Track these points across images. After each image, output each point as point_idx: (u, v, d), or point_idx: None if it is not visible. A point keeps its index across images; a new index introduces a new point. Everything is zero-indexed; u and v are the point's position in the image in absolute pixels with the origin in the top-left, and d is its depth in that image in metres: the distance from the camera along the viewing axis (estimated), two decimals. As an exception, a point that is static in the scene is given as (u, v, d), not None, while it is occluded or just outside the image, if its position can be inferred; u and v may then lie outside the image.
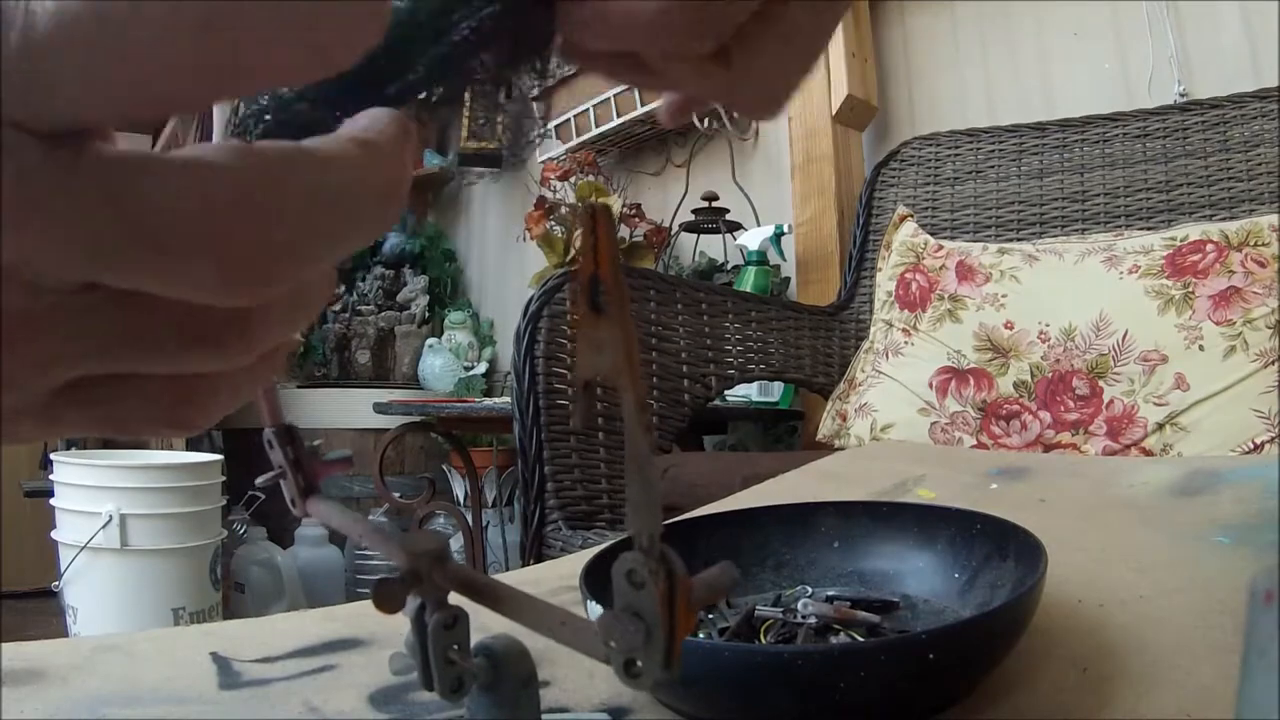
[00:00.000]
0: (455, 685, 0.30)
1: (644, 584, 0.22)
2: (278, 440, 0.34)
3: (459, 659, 0.30)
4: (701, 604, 0.23)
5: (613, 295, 0.21)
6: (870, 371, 1.46)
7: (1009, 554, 0.46)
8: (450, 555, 0.30)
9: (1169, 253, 1.24)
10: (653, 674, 0.23)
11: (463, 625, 0.30)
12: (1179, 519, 0.63)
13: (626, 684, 0.24)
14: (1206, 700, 0.37)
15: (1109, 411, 1.19)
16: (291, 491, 0.34)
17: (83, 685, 0.44)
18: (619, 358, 0.21)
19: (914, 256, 1.50)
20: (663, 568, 0.22)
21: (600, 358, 0.21)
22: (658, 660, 0.23)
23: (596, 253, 0.21)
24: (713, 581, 0.24)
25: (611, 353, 0.21)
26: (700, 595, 0.23)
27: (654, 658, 0.23)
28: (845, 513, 0.55)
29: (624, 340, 0.21)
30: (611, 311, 0.21)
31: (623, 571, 0.23)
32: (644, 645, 0.23)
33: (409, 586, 0.29)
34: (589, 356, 0.22)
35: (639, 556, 0.22)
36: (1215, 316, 1.16)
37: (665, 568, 0.22)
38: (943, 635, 0.38)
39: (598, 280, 0.21)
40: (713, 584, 0.24)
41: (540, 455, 1.25)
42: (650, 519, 0.22)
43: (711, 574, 0.24)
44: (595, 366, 0.22)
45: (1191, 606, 0.47)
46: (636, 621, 0.23)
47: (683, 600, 0.22)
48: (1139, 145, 1.50)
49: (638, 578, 0.23)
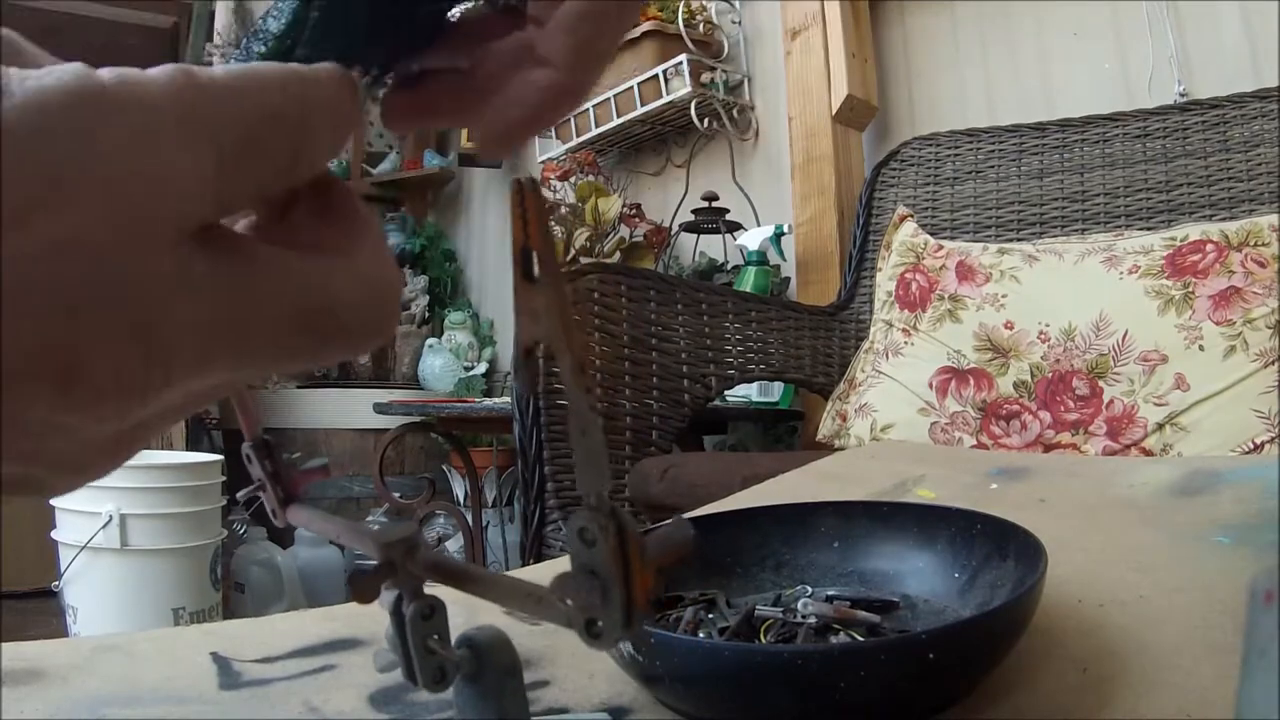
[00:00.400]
0: (438, 675, 0.30)
1: (595, 541, 0.23)
2: (255, 454, 0.34)
3: (439, 648, 0.30)
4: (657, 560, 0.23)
5: (545, 264, 0.22)
6: (870, 371, 1.46)
7: (1009, 554, 0.46)
8: (422, 543, 0.30)
9: (1169, 253, 1.24)
10: (614, 632, 0.23)
11: (440, 614, 0.30)
12: (1179, 519, 0.63)
13: (589, 644, 0.24)
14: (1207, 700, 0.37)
15: (1109, 411, 1.19)
16: (271, 503, 0.35)
17: (83, 685, 0.44)
18: (555, 323, 0.22)
19: (914, 256, 1.50)
20: (613, 523, 0.22)
21: (537, 325, 0.22)
22: (617, 618, 0.23)
23: (527, 225, 0.22)
24: (667, 537, 0.24)
25: (548, 319, 0.22)
26: (655, 551, 0.23)
27: (613, 616, 0.23)
28: (845, 513, 0.55)
29: (559, 306, 0.22)
30: (545, 279, 0.22)
31: (574, 529, 0.23)
32: (602, 603, 0.23)
33: (383, 576, 0.29)
34: (528, 324, 0.23)
35: (588, 513, 0.23)
36: (1215, 316, 1.16)
37: (615, 523, 0.22)
38: (943, 635, 0.38)
39: (529, 251, 0.22)
40: (667, 540, 0.24)
41: (540, 455, 1.25)
42: (597, 476, 0.23)
43: (665, 530, 0.24)
44: (534, 333, 0.23)
45: (1191, 606, 0.47)
46: (591, 579, 0.23)
47: (635, 555, 0.23)
48: (1139, 145, 1.50)
49: (589, 535, 0.23)
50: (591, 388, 0.24)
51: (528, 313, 0.23)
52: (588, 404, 0.22)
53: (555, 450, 1.26)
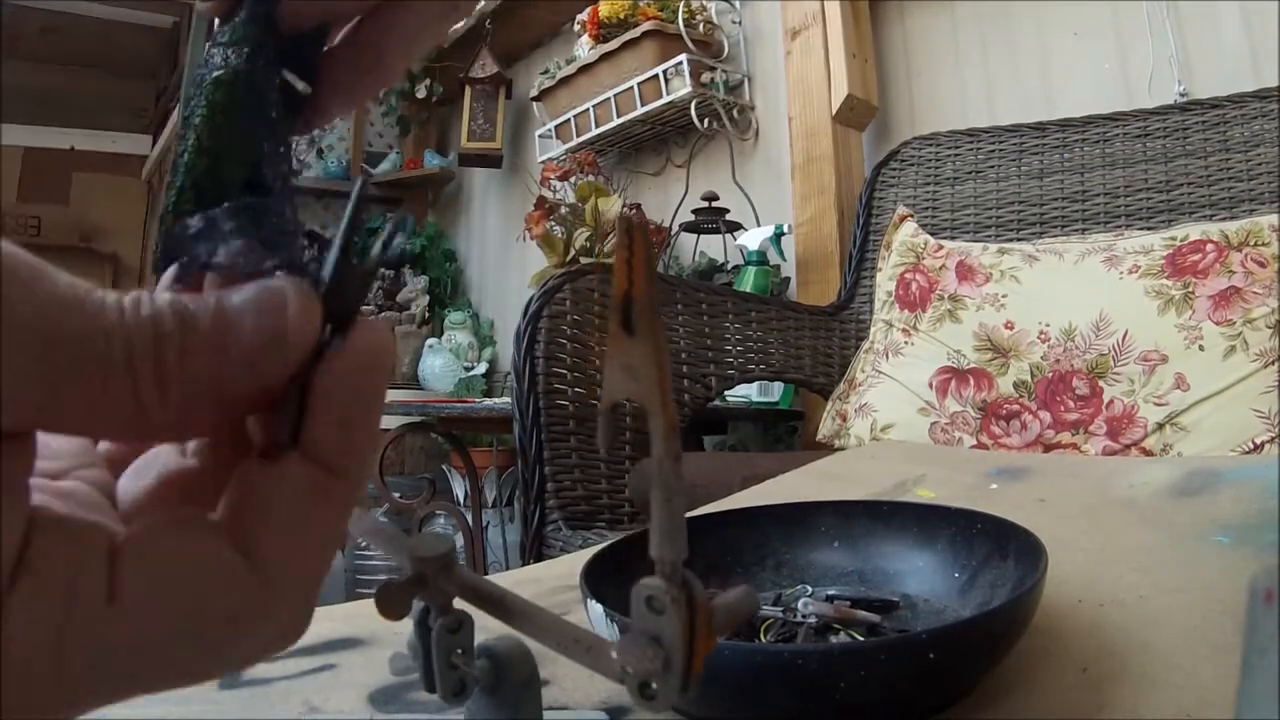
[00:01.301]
0: (458, 688, 0.30)
1: (664, 611, 0.22)
2: None
3: (462, 663, 0.30)
4: (721, 630, 0.23)
5: (645, 316, 0.20)
6: (870, 371, 1.46)
7: (1009, 554, 0.46)
8: (457, 560, 0.30)
9: (1169, 253, 1.24)
10: (669, 698, 0.23)
11: (467, 630, 0.30)
12: (1179, 519, 0.63)
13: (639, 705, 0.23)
14: (1207, 700, 0.37)
15: (1109, 411, 1.19)
16: None
17: (83, 685, 0.44)
18: (650, 382, 0.21)
19: (914, 256, 1.50)
20: (684, 595, 0.22)
21: (630, 380, 0.21)
22: (675, 685, 0.22)
23: (631, 270, 0.20)
24: (733, 606, 0.24)
25: (644, 376, 0.21)
26: (721, 621, 0.23)
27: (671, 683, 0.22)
28: (845, 512, 0.55)
29: (656, 364, 0.20)
30: (643, 333, 0.20)
31: (642, 597, 0.22)
32: (662, 670, 0.22)
33: (414, 591, 0.29)
34: (618, 378, 0.21)
35: (660, 583, 0.22)
36: (1215, 316, 1.16)
37: (687, 595, 0.22)
38: (943, 635, 0.38)
39: (631, 299, 0.20)
40: (733, 609, 0.24)
41: (540, 455, 1.25)
42: (674, 546, 0.22)
43: (732, 598, 0.24)
44: (625, 389, 0.21)
45: (1192, 606, 0.47)
46: (655, 647, 0.22)
47: (704, 627, 0.22)
48: (1139, 145, 1.50)
49: (658, 604, 0.22)
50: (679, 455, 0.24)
51: (620, 366, 0.21)
52: (675, 472, 0.21)
53: (555, 451, 1.26)
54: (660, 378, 0.21)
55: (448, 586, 0.29)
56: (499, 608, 0.29)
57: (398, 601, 0.28)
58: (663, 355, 0.21)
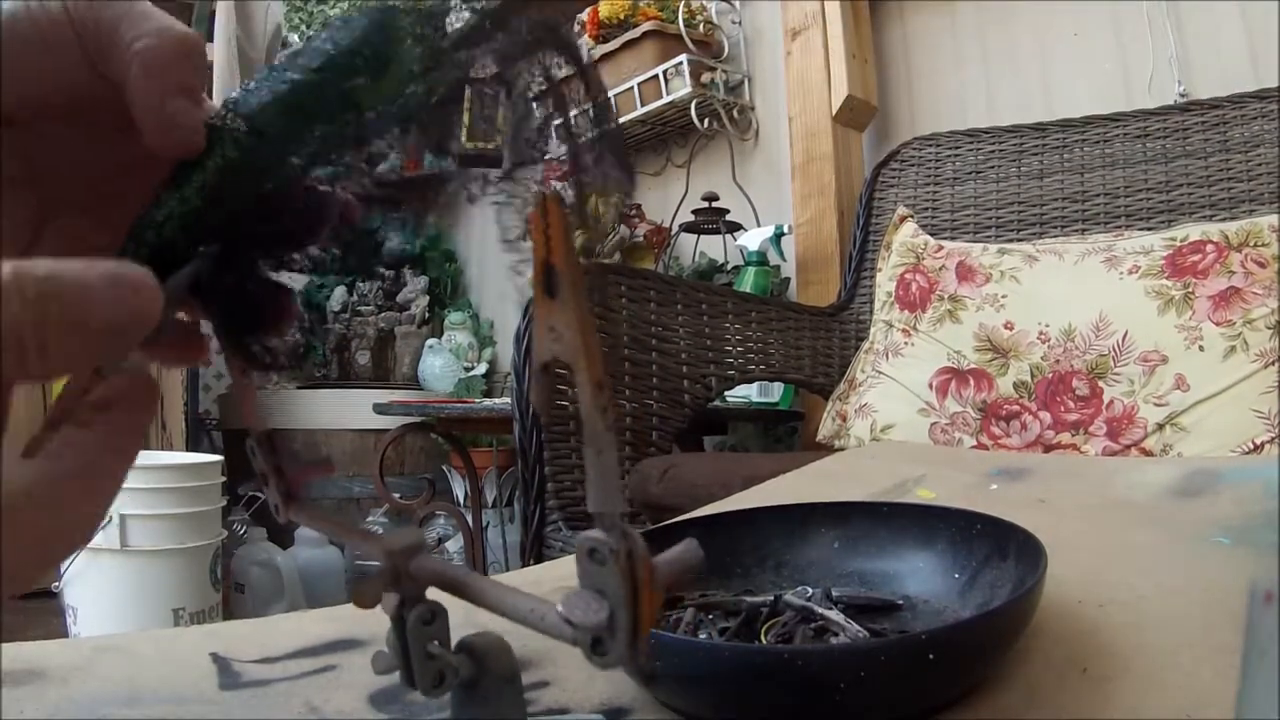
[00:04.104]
0: (436, 680, 0.30)
1: (605, 561, 0.22)
2: (259, 449, 0.34)
3: (439, 653, 0.30)
4: (666, 582, 0.23)
5: (566, 280, 0.22)
6: (870, 372, 1.46)
7: (1009, 554, 0.46)
8: (426, 550, 0.30)
9: (1169, 253, 1.24)
10: (618, 653, 0.23)
11: (441, 620, 0.30)
12: (1179, 519, 0.63)
13: (594, 664, 0.24)
14: (1207, 700, 0.37)
15: (1109, 412, 1.19)
16: (274, 498, 0.34)
17: (82, 686, 0.44)
18: (574, 341, 0.22)
19: (914, 257, 1.50)
20: (624, 544, 0.22)
21: (557, 342, 0.22)
22: (624, 639, 0.23)
23: (549, 240, 0.22)
24: (676, 560, 0.24)
25: (566, 337, 0.22)
26: (664, 573, 0.23)
27: (619, 636, 0.23)
28: (845, 513, 0.55)
29: (579, 324, 0.22)
30: (565, 296, 0.22)
31: (585, 550, 0.23)
32: (608, 624, 0.23)
33: (385, 582, 0.29)
34: (546, 341, 0.23)
35: (600, 534, 0.23)
36: (1215, 317, 1.16)
37: (626, 545, 0.22)
38: (943, 635, 0.38)
39: (551, 267, 0.22)
40: (677, 562, 0.24)
41: (540, 456, 1.25)
42: (610, 497, 0.23)
43: (675, 552, 0.24)
44: (552, 350, 0.22)
45: (1192, 607, 0.47)
46: (600, 599, 0.23)
47: (646, 577, 0.22)
48: (1139, 146, 1.50)
49: (600, 555, 0.23)
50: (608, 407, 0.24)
51: (547, 329, 0.22)
52: (604, 424, 0.22)
53: (555, 451, 1.26)
54: (583, 337, 0.22)
55: (417, 575, 0.30)
56: (463, 589, 0.30)
57: (368, 592, 0.29)
58: (585, 315, 0.22)
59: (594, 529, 0.23)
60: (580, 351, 0.22)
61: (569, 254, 0.22)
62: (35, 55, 0.26)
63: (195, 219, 0.27)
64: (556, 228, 0.22)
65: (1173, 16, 1.64)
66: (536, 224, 0.22)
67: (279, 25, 2.89)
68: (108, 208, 0.29)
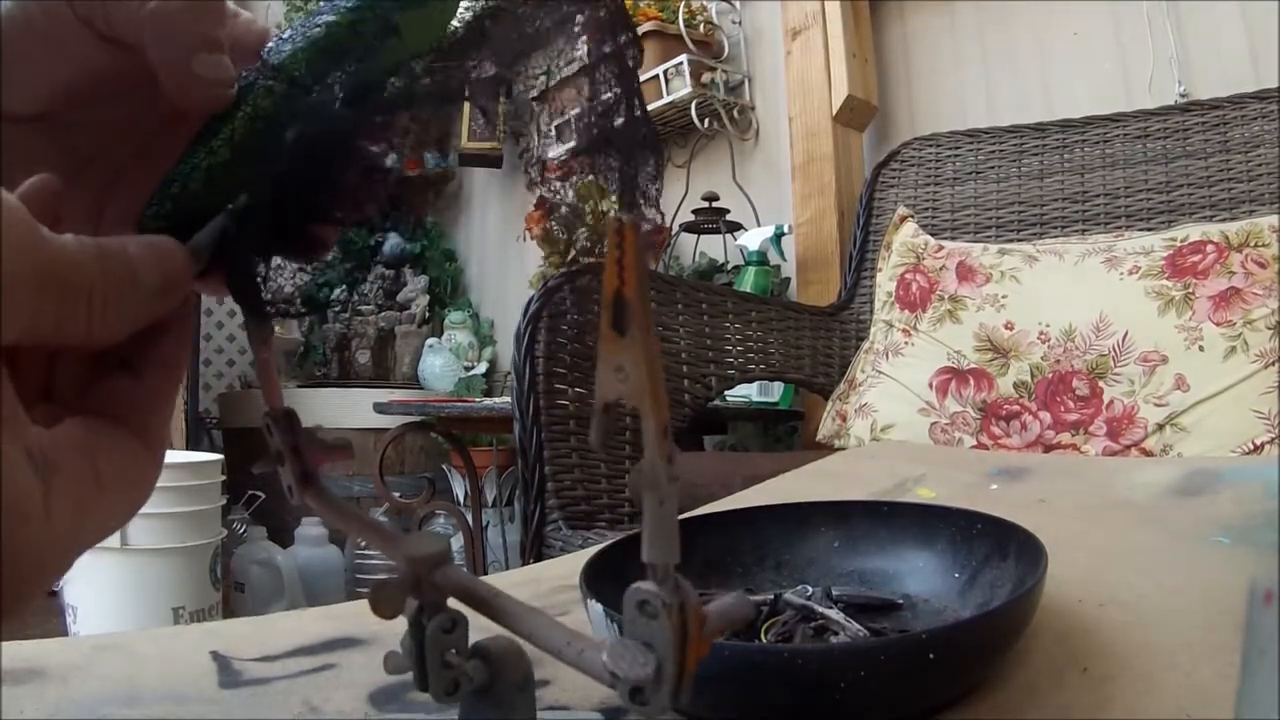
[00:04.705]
0: (451, 688, 0.30)
1: (657, 616, 0.22)
2: (275, 426, 0.32)
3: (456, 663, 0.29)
4: (714, 635, 0.23)
5: (637, 316, 0.20)
6: (870, 372, 1.46)
7: (1009, 554, 0.46)
8: (451, 560, 0.30)
9: (1169, 253, 1.24)
10: (660, 705, 0.22)
11: (461, 629, 0.29)
12: (1179, 519, 0.63)
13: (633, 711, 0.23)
14: (1207, 699, 0.37)
15: (1109, 412, 1.19)
16: (288, 478, 0.33)
17: (82, 684, 0.44)
18: (641, 381, 0.20)
19: (914, 257, 1.50)
20: (677, 601, 0.22)
21: (623, 382, 0.21)
22: (667, 692, 0.22)
23: (622, 270, 0.20)
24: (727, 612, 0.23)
25: (634, 378, 0.21)
26: (715, 625, 0.23)
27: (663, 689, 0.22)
28: (845, 512, 0.55)
29: (647, 364, 0.20)
30: (635, 334, 0.20)
31: (635, 601, 0.22)
32: (654, 677, 0.22)
33: (407, 591, 0.29)
34: (610, 378, 0.21)
35: (653, 588, 0.22)
36: (1215, 317, 1.16)
37: (680, 600, 0.22)
38: (943, 635, 0.38)
39: (623, 299, 0.20)
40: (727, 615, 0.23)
41: (540, 455, 1.25)
42: (667, 549, 0.22)
43: (725, 604, 0.23)
44: (616, 389, 0.21)
45: (1192, 606, 0.47)
46: (647, 653, 0.22)
47: (695, 632, 0.22)
48: (1139, 146, 1.50)
49: (650, 609, 0.22)
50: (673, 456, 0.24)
51: (613, 368, 0.21)
52: (668, 474, 0.21)
53: (555, 450, 1.26)
54: (651, 379, 0.20)
55: (441, 586, 0.29)
56: (491, 609, 0.29)
57: (391, 601, 0.28)
58: (654, 356, 0.20)
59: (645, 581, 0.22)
60: (647, 394, 0.21)
61: (642, 287, 0.20)
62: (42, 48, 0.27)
63: (223, 171, 0.26)
64: (631, 256, 0.20)
65: (1173, 16, 1.64)
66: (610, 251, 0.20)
67: (279, 25, 2.89)
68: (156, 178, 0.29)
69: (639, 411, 0.21)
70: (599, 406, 0.22)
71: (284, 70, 0.26)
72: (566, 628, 0.27)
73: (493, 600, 0.29)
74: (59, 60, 0.27)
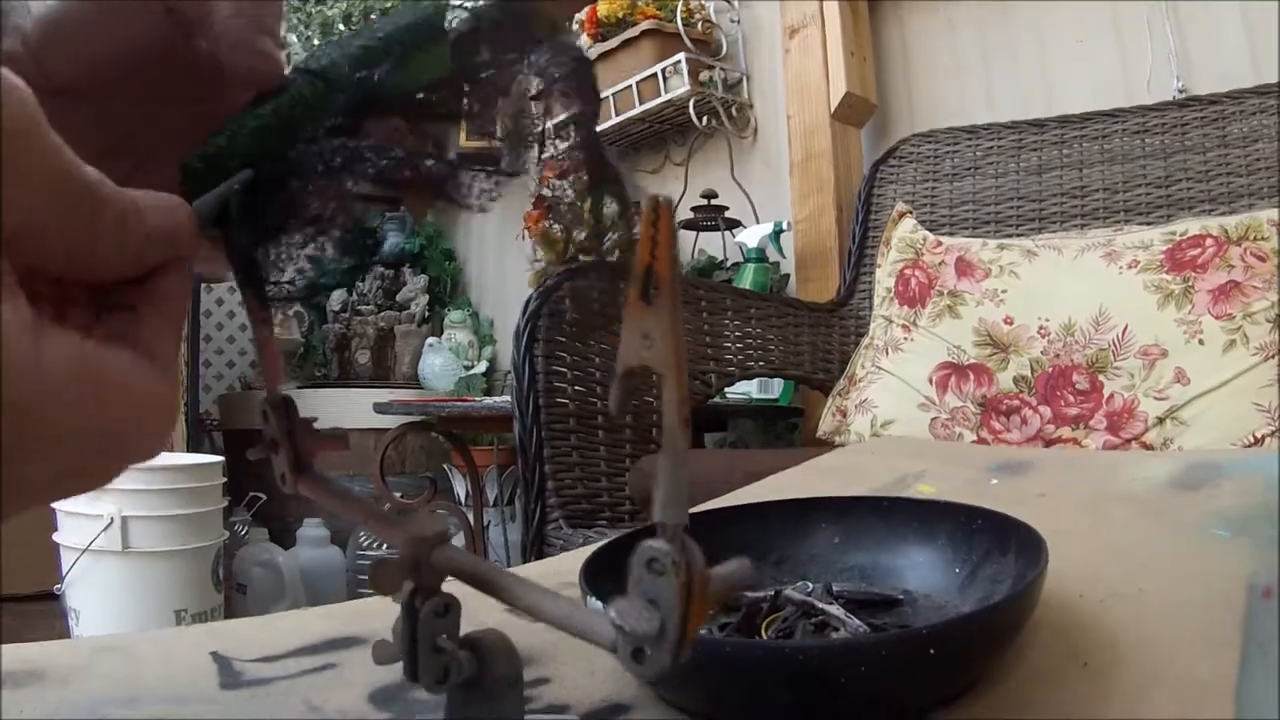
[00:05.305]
0: (441, 675, 0.30)
1: (665, 572, 0.23)
2: (273, 412, 0.33)
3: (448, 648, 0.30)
4: (718, 598, 0.23)
5: (666, 289, 0.22)
6: (870, 368, 1.46)
7: (1010, 549, 0.46)
8: (451, 540, 0.30)
9: (1168, 247, 1.24)
10: (660, 663, 0.23)
11: (454, 614, 0.30)
12: (1180, 513, 0.63)
13: (631, 671, 0.24)
14: (1207, 694, 0.37)
15: (1109, 406, 1.19)
16: (282, 466, 0.33)
17: (83, 686, 0.44)
18: (668, 351, 0.22)
19: (913, 253, 1.49)
20: (684, 558, 0.22)
21: (649, 349, 0.22)
22: (668, 650, 0.23)
23: (655, 246, 0.22)
24: (730, 576, 0.24)
25: (659, 344, 0.22)
26: (717, 588, 0.23)
27: (664, 647, 0.23)
28: (846, 508, 0.55)
29: (673, 334, 0.22)
30: (663, 304, 0.22)
31: (643, 559, 0.23)
32: (656, 634, 0.23)
33: (407, 570, 0.29)
34: (634, 344, 0.22)
35: (662, 545, 0.23)
36: (1215, 311, 1.16)
37: (687, 558, 0.22)
38: (943, 630, 0.38)
39: (653, 271, 0.22)
40: (730, 578, 0.24)
41: (541, 454, 1.25)
42: (677, 510, 0.23)
43: (729, 568, 0.24)
44: (640, 355, 0.22)
45: (1192, 601, 0.47)
46: (652, 610, 0.23)
47: (700, 592, 0.23)
48: (1138, 141, 1.49)
49: (659, 566, 0.23)
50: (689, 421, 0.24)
51: (640, 335, 0.22)
52: (684, 439, 0.22)
53: (555, 449, 1.26)
54: (676, 348, 0.22)
55: (441, 567, 0.29)
56: (493, 587, 0.29)
57: (392, 579, 0.29)
58: (679, 326, 0.22)
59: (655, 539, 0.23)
60: (673, 362, 0.22)
61: (673, 262, 0.22)
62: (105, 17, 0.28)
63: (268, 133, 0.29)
64: (664, 233, 0.22)
65: (1171, 13, 1.64)
66: (645, 228, 0.22)
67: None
68: None
69: (662, 377, 0.22)
70: (621, 371, 0.23)
71: (324, 72, 0.30)
72: (568, 599, 0.27)
73: (494, 577, 0.29)
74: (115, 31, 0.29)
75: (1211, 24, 1.60)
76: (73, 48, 0.28)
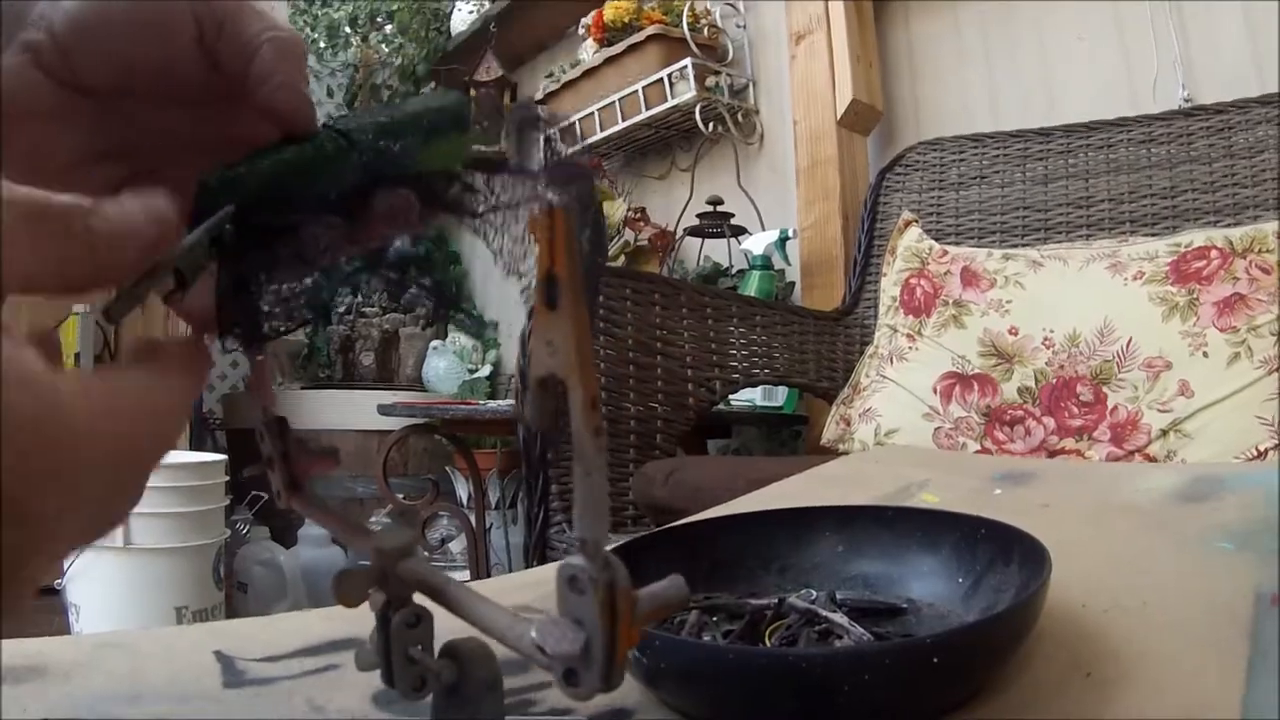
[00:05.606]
0: (417, 684, 0.30)
1: (585, 591, 0.22)
2: (267, 431, 0.34)
3: (420, 658, 0.30)
4: (647, 619, 0.22)
5: (567, 292, 0.21)
6: (874, 376, 1.46)
7: (1013, 559, 0.46)
8: (418, 551, 0.30)
9: (1173, 259, 1.24)
10: (591, 685, 0.22)
11: (426, 624, 0.30)
12: (1183, 525, 0.62)
13: (566, 694, 0.23)
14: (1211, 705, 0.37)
15: (1113, 417, 1.19)
16: (277, 483, 0.34)
17: (85, 682, 0.44)
18: (569, 356, 0.21)
19: (918, 262, 1.49)
20: (605, 574, 0.21)
21: (552, 356, 0.21)
22: (597, 674, 0.22)
23: (553, 250, 0.21)
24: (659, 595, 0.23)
25: (562, 350, 0.21)
26: (646, 608, 0.22)
27: (592, 669, 0.22)
28: (849, 517, 0.55)
29: (575, 338, 0.21)
30: (564, 309, 0.21)
31: (565, 577, 0.22)
32: (581, 654, 0.22)
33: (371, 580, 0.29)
34: (542, 354, 0.22)
35: (582, 563, 0.22)
36: (1219, 323, 1.16)
37: (608, 575, 0.21)
38: (947, 639, 0.38)
39: (554, 276, 0.21)
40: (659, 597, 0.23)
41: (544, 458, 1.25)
42: (597, 524, 0.22)
43: (659, 587, 0.23)
44: (549, 365, 0.21)
45: (1195, 612, 0.47)
46: (576, 629, 0.22)
47: (625, 611, 0.22)
48: (1143, 151, 1.49)
49: (579, 584, 0.22)
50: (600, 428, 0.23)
51: (544, 343, 0.21)
52: (595, 445, 0.21)
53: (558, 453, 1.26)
54: (579, 352, 0.21)
55: (406, 579, 0.29)
56: (445, 598, 0.29)
57: (354, 589, 0.29)
58: (583, 330, 0.21)
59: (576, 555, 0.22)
60: (574, 367, 0.21)
61: (572, 265, 0.21)
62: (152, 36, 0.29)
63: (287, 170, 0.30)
64: (562, 236, 0.21)
65: (1176, 20, 1.64)
66: (542, 232, 0.21)
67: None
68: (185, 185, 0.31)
69: (567, 384, 0.21)
70: (533, 382, 0.22)
71: (349, 133, 0.31)
72: (511, 612, 0.26)
73: (446, 589, 0.29)
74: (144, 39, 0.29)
75: (1216, 30, 1.60)
76: (101, 46, 0.28)
